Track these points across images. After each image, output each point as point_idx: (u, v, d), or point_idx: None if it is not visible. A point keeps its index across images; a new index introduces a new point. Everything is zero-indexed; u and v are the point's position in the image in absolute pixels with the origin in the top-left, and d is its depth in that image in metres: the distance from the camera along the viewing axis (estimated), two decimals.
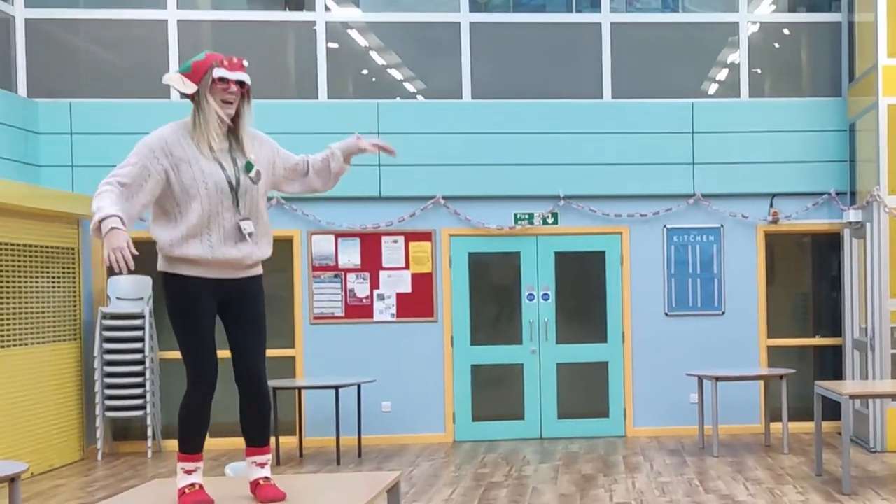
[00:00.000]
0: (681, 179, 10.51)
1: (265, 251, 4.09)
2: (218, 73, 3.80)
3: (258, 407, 4.16)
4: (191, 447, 4.05)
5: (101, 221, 3.45)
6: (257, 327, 4.12)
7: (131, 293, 9.85)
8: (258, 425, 4.15)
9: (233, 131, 3.94)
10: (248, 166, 3.91)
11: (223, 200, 3.85)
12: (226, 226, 3.90)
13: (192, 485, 3.98)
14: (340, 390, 9.53)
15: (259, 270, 4.13)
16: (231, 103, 3.85)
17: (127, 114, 9.95)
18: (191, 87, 3.82)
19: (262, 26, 10.93)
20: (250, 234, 3.91)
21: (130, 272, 3.59)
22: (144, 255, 3.73)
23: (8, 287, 8.84)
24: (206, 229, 3.89)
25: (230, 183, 3.87)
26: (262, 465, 4.13)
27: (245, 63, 3.93)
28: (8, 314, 8.82)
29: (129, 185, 3.74)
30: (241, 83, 3.89)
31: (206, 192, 3.86)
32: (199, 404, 4.04)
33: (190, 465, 4.01)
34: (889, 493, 7.61)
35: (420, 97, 11.17)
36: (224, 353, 4.01)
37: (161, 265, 3.94)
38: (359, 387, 9.67)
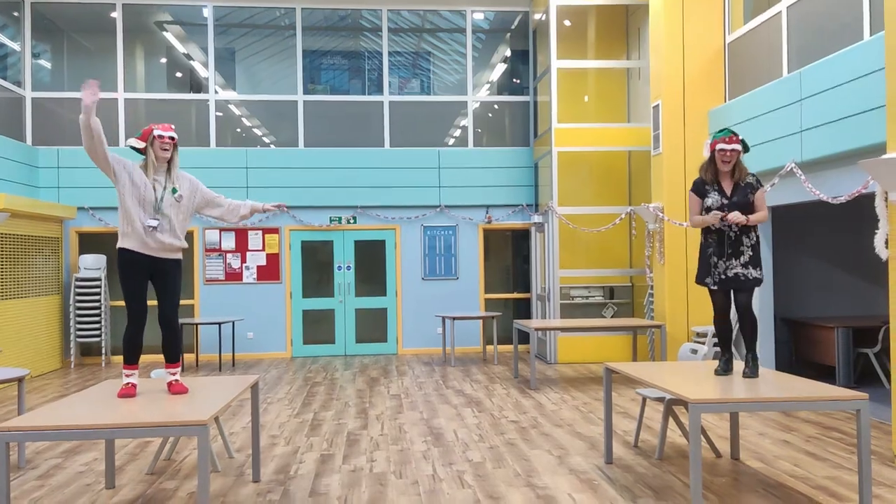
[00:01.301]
0: (432, 196, 13.49)
1: (180, 242, 5.14)
2: (157, 132, 5.03)
3: (171, 337, 5.23)
4: (129, 361, 5.07)
5: (83, 110, 4.69)
6: (173, 291, 5.19)
7: (93, 265, 12.44)
8: (172, 350, 5.22)
9: (168, 169, 5.09)
10: (173, 191, 5.08)
11: (151, 209, 4.98)
12: (150, 224, 4.98)
13: (128, 384, 5.01)
14: (222, 325, 12.20)
15: (178, 256, 5.19)
16: (167, 150, 5.04)
17: None
18: (142, 144, 5.06)
19: (176, 102, 13.60)
20: (153, 227, 4.97)
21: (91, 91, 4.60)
22: (102, 243, 5.59)
23: (19, 261, 11.11)
24: (137, 226, 4.97)
25: (156, 199, 5.00)
26: (173, 373, 5.16)
27: (173, 126, 5.15)
28: (19, 277, 11.13)
29: (104, 141, 4.89)
30: (171, 137, 5.06)
31: (138, 202, 4.97)
32: (133, 334, 5.09)
33: (129, 372, 5.05)
34: (558, 388, 9.69)
35: (272, 146, 13.80)
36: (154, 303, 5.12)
37: (118, 244, 5.04)
38: (233, 323, 12.36)
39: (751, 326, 5.43)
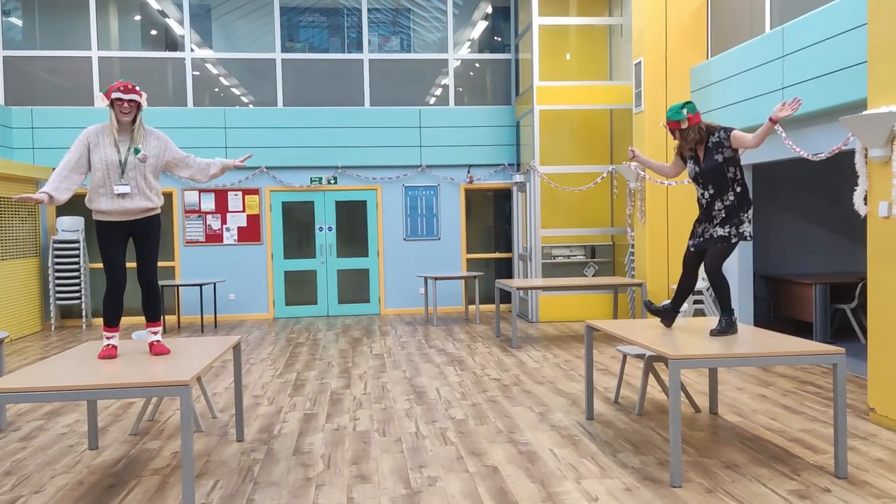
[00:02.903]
0: (413, 156, 13.45)
1: (153, 203, 5.06)
2: (115, 95, 4.85)
3: (152, 297, 5.23)
4: (109, 323, 5.08)
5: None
6: (151, 250, 5.14)
7: (71, 227, 12.41)
8: (152, 309, 5.24)
9: (133, 128, 4.95)
10: (136, 151, 4.91)
11: (116, 171, 4.89)
12: (120, 191, 4.91)
13: (109, 345, 5.03)
14: (203, 287, 12.24)
15: (155, 213, 5.12)
16: (127, 113, 4.89)
17: (66, 116, 12.43)
18: (105, 102, 4.93)
19: (151, 60, 13.25)
20: (122, 195, 4.89)
21: (19, 202, 5.16)
22: (80, 205, 5.29)
23: None
24: (106, 190, 4.90)
25: (120, 161, 4.87)
26: (155, 333, 5.20)
27: (138, 87, 4.94)
28: None
29: (65, 166, 4.87)
30: (131, 101, 4.88)
31: (105, 167, 4.86)
32: (111, 297, 5.08)
33: (109, 334, 5.05)
34: (540, 347, 9.76)
35: (251, 105, 13.65)
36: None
37: (93, 214, 5.00)
38: (214, 284, 12.39)
39: (717, 287, 5.43)
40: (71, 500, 4.59)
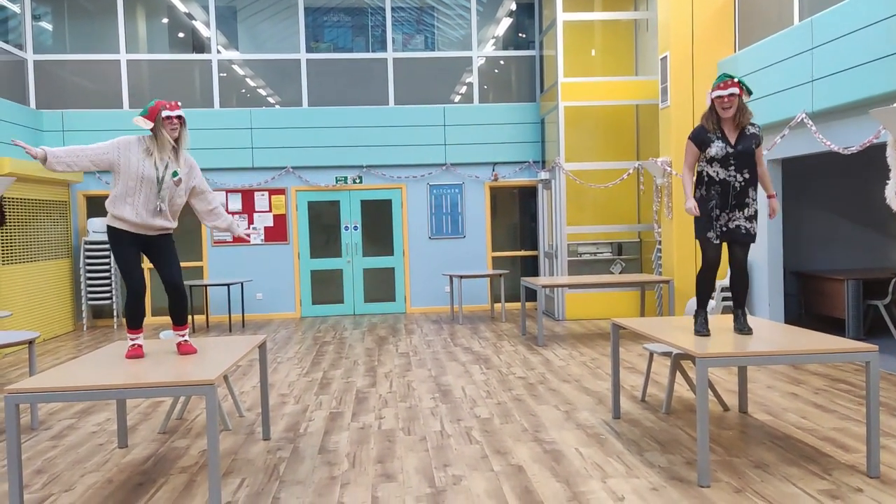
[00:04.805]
0: (437, 155, 13.46)
1: (171, 224, 5.15)
2: (165, 113, 4.91)
3: (178, 301, 5.28)
4: (132, 325, 5.16)
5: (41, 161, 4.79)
6: (171, 258, 5.20)
7: (101, 228, 12.38)
8: (178, 311, 5.30)
9: (175, 149, 5.03)
10: (174, 174, 5.01)
11: (151, 187, 4.95)
12: (148, 203, 4.96)
13: (135, 345, 5.12)
14: (231, 286, 12.35)
15: (169, 231, 5.19)
16: (175, 129, 4.96)
17: (95, 118, 12.67)
18: (149, 124, 4.94)
19: (179, 63, 13.48)
20: (161, 210, 4.99)
21: (16, 144, 4.68)
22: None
23: (28, 225, 11.28)
24: (134, 201, 4.94)
25: (157, 179, 4.95)
26: (181, 335, 5.28)
27: (180, 104, 5.05)
28: (29, 241, 11.30)
29: (87, 148, 4.94)
30: (179, 116, 4.98)
31: (139, 179, 4.93)
32: (132, 301, 5.15)
33: (133, 335, 5.15)
34: (566, 345, 9.75)
35: (277, 106, 13.69)
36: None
37: (106, 220, 5.08)
38: (242, 284, 12.41)
39: (746, 284, 5.38)
40: (100, 499, 4.64)
